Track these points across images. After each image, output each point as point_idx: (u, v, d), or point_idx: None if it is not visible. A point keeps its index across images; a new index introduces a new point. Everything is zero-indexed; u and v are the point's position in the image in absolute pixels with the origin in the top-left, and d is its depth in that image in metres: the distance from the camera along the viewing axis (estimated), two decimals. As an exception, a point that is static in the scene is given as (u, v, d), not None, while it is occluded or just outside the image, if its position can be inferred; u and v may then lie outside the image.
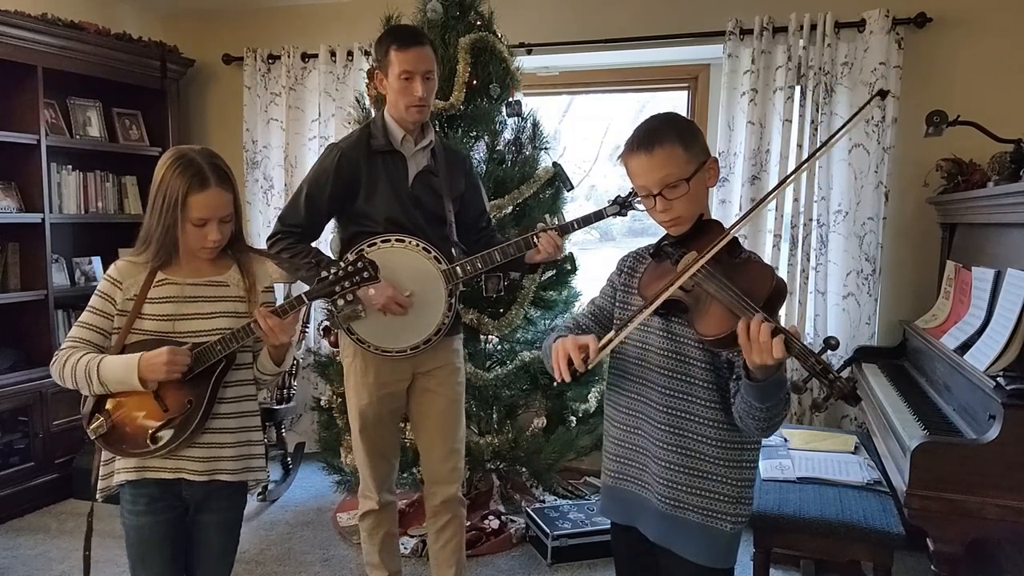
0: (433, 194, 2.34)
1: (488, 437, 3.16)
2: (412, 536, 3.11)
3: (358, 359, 2.34)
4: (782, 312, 1.94)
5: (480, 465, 3.22)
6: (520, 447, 3.22)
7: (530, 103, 3.44)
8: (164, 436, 1.69)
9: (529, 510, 3.20)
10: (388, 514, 2.48)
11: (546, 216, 3.25)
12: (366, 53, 3.94)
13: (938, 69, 3.28)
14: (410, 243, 2.25)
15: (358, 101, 3.45)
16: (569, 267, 3.39)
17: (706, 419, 1.49)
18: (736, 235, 1.41)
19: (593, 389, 3.48)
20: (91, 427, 1.72)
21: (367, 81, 3.41)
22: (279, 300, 1.83)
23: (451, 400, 2.42)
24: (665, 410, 1.52)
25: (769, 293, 1.34)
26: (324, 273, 1.75)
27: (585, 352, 1.41)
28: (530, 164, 3.29)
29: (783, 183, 1.59)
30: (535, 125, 3.36)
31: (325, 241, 3.07)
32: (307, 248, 2.28)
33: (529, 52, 3.69)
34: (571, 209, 3.54)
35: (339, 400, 3.20)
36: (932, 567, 1.91)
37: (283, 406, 3.82)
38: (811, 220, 3.40)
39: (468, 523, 2.69)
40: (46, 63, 3.52)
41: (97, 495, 1.78)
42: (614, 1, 3.72)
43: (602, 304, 1.68)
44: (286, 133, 4.23)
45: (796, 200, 3.39)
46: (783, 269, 3.41)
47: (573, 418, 3.43)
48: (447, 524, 2.46)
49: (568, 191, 3.22)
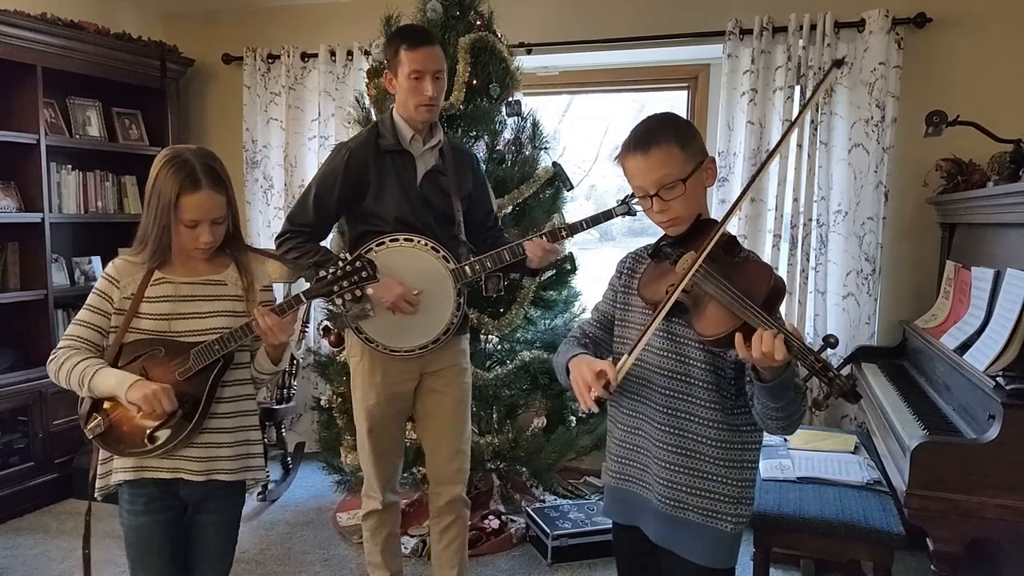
0: (442, 193, 2.34)
1: (488, 437, 3.16)
2: (412, 536, 3.11)
3: (365, 358, 2.33)
4: (782, 311, 1.94)
5: (480, 465, 3.22)
6: (520, 447, 3.22)
7: (530, 103, 3.44)
8: (161, 436, 1.68)
9: (529, 510, 3.20)
10: (391, 514, 2.48)
11: (554, 216, 3.25)
12: (366, 53, 3.94)
13: (938, 69, 3.28)
14: (419, 242, 2.24)
15: (358, 101, 3.45)
16: (569, 267, 3.39)
17: (706, 419, 1.48)
18: (734, 234, 1.42)
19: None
20: (88, 426, 1.72)
21: (367, 81, 3.40)
22: (279, 299, 1.83)
23: (458, 400, 2.41)
24: (665, 410, 1.52)
25: (768, 292, 1.34)
26: (322, 272, 1.75)
27: (604, 379, 1.40)
28: (530, 164, 3.29)
29: (761, 167, 1.59)
30: (535, 125, 3.36)
31: (324, 242, 3.06)
32: (315, 247, 2.28)
33: (529, 52, 3.69)
34: (571, 209, 3.54)
35: (339, 400, 3.20)
36: (932, 567, 1.90)
37: (283, 406, 3.82)
38: (811, 220, 3.40)
39: (469, 523, 2.69)
40: (46, 63, 3.52)
41: (96, 494, 1.78)
42: (614, 1, 3.72)
43: (605, 309, 1.68)
44: (286, 133, 4.22)
45: (796, 200, 3.39)
46: (783, 269, 3.41)
47: (573, 418, 3.43)
48: (451, 525, 2.46)
49: (568, 191, 3.21)
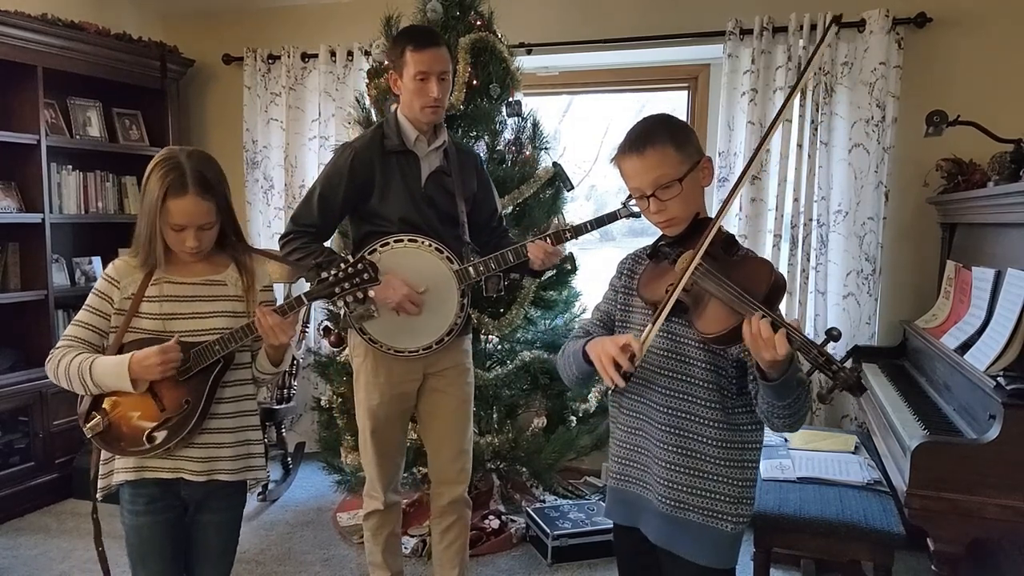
0: (446, 194, 2.34)
1: (488, 437, 3.16)
2: (413, 536, 3.11)
3: (369, 359, 2.33)
4: (782, 310, 1.93)
5: (480, 465, 3.21)
6: (520, 447, 3.22)
7: (530, 103, 3.44)
8: (161, 436, 1.68)
9: (529, 510, 3.20)
10: (393, 514, 2.48)
11: (556, 217, 3.25)
12: (366, 53, 3.94)
13: (938, 69, 3.28)
14: (423, 243, 2.24)
15: (358, 101, 3.45)
16: (569, 267, 3.39)
17: (706, 419, 1.49)
18: (734, 234, 1.42)
19: (593, 389, 3.49)
20: (88, 425, 1.72)
21: (367, 81, 3.41)
22: (279, 300, 1.83)
23: (461, 400, 2.41)
24: (666, 411, 1.52)
25: (768, 288, 1.34)
26: (324, 274, 1.75)
27: (629, 351, 1.39)
28: (530, 164, 3.29)
29: (754, 155, 1.59)
30: (535, 125, 3.35)
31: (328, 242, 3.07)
32: (319, 248, 2.27)
33: (529, 52, 3.69)
34: (571, 209, 3.54)
35: (339, 400, 3.20)
36: (932, 567, 1.90)
37: (283, 406, 3.82)
38: (811, 220, 3.40)
39: (470, 523, 2.69)
40: (46, 63, 3.52)
41: (97, 493, 1.77)
42: (614, 1, 3.72)
43: (607, 309, 1.68)
44: (286, 133, 4.22)
45: (796, 200, 3.39)
46: (783, 269, 3.41)
47: (573, 418, 3.43)
48: (452, 525, 2.46)
49: (568, 191, 3.21)
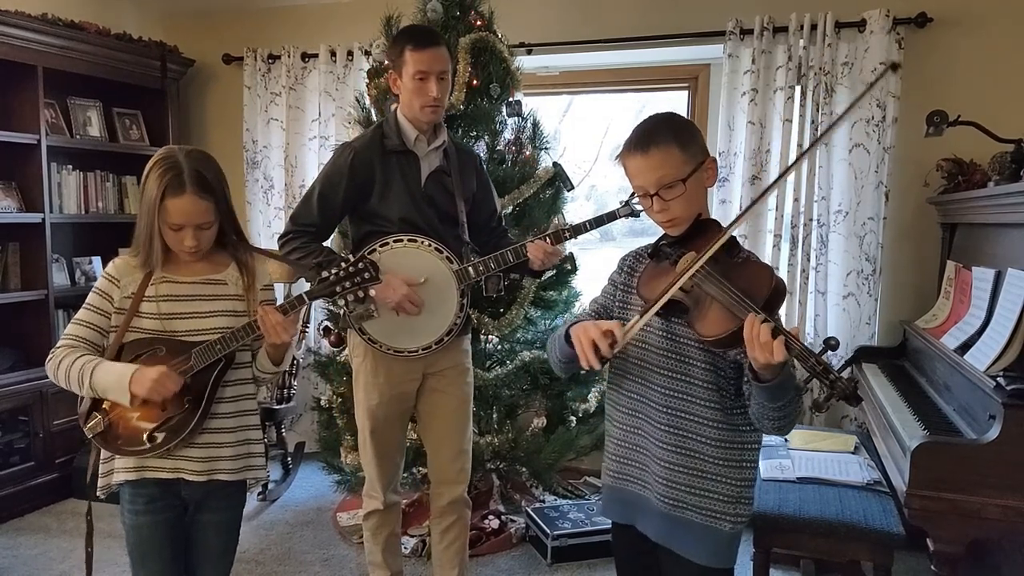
0: (446, 194, 2.34)
1: (488, 437, 3.16)
2: (412, 536, 3.11)
3: (368, 359, 2.32)
4: (783, 312, 1.94)
5: (480, 465, 3.21)
6: (520, 447, 3.22)
7: (530, 103, 3.44)
8: (161, 436, 1.68)
9: (529, 510, 3.20)
10: (392, 514, 2.48)
11: (555, 217, 3.25)
12: (366, 53, 3.94)
13: (938, 69, 3.27)
14: (422, 243, 2.24)
15: (358, 101, 3.45)
16: (569, 267, 3.39)
17: (706, 419, 1.49)
18: (735, 235, 1.41)
19: (593, 389, 3.49)
20: (88, 425, 1.72)
21: (367, 81, 3.41)
22: (279, 300, 1.82)
23: (461, 400, 2.41)
24: (665, 410, 1.52)
25: (768, 293, 1.34)
26: (324, 273, 1.75)
27: (611, 338, 1.38)
28: (530, 164, 3.29)
29: (782, 175, 1.59)
30: (535, 125, 3.35)
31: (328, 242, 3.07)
32: (319, 248, 2.27)
33: (529, 52, 3.69)
34: (571, 209, 3.54)
35: (339, 400, 3.20)
36: (932, 567, 1.90)
37: (283, 406, 3.82)
38: (811, 220, 3.39)
39: (469, 523, 2.69)
40: (46, 63, 3.52)
41: (97, 493, 1.77)
42: (614, 1, 3.72)
43: (604, 303, 1.68)
44: (286, 133, 4.22)
45: (796, 200, 3.38)
46: (783, 269, 3.41)
47: (573, 418, 3.43)
48: (452, 525, 2.46)
49: (568, 191, 3.22)
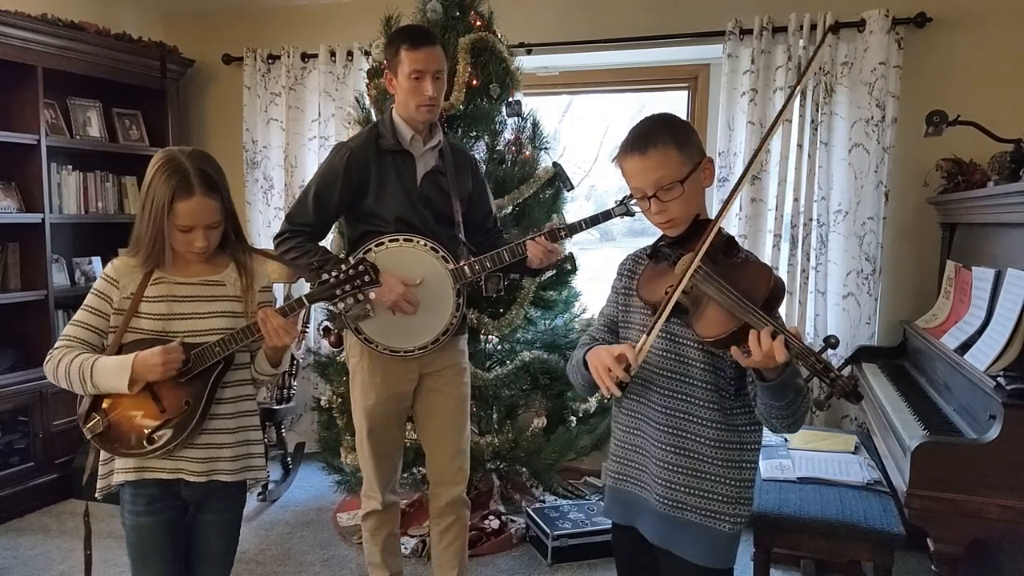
0: (442, 194, 2.34)
1: (488, 437, 3.16)
2: (412, 536, 3.11)
3: (365, 359, 2.33)
4: (783, 312, 1.93)
5: (480, 465, 3.21)
6: (520, 447, 3.22)
7: (530, 103, 3.44)
8: (161, 437, 1.68)
9: (529, 510, 3.20)
10: (391, 514, 2.48)
11: (553, 216, 3.25)
12: (366, 53, 3.94)
13: (938, 69, 3.27)
14: (418, 243, 2.25)
15: (358, 101, 3.45)
16: (569, 267, 3.39)
17: (705, 420, 1.49)
18: (734, 234, 1.41)
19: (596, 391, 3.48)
20: (87, 426, 1.72)
21: (367, 81, 3.40)
22: (279, 300, 1.82)
23: (458, 400, 2.41)
24: (664, 411, 1.52)
25: (767, 293, 1.34)
26: (324, 276, 1.74)
27: (624, 362, 1.40)
28: (530, 164, 3.29)
29: (754, 157, 1.60)
30: (535, 125, 3.35)
31: (325, 242, 3.06)
32: (315, 248, 2.27)
33: (529, 52, 3.69)
34: (571, 209, 3.54)
35: (339, 400, 3.20)
36: (932, 567, 1.90)
37: (283, 406, 3.82)
38: (811, 220, 3.39)
39: (469, 523, 2.69)
40: (46, 63, 3.52)
41: (97, 494, 1.77)
42: (614, 1, 3.72)
43: (611, 313, 1.68)
44: (286, 133, 4.22)
45: (796, 200, 3.39)
46: (783, 269, 3.41)
47: (573, 418, 3.43)
48: (451, 525, 2.46)
49: (568, 191, 3.21)
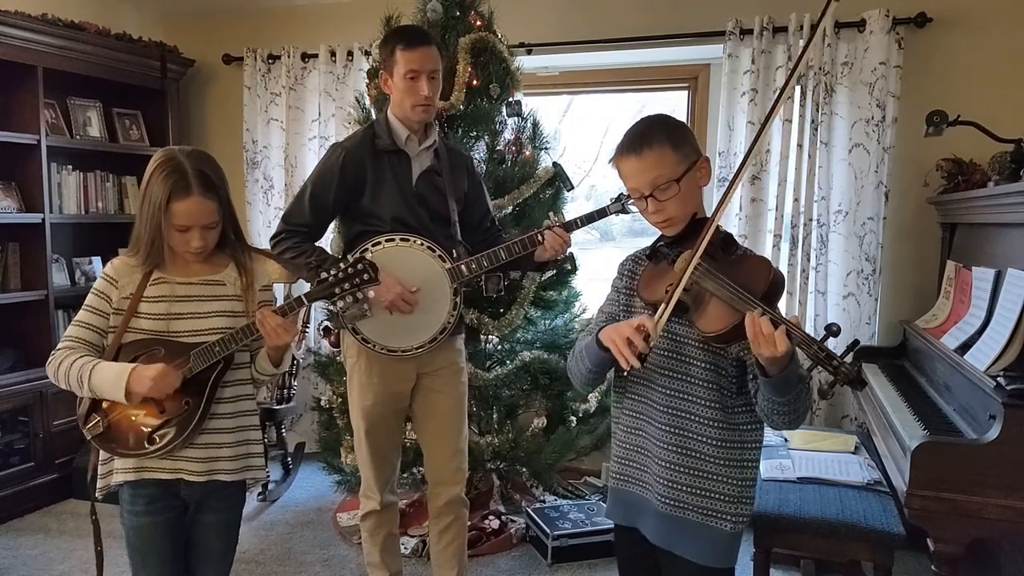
0: (437, 193, 2.34)
1: (488, 437, 3.16)
2: (412, 536, 3.11)
3: (362, 359, 2.33)
4: (783, 310, 1.93)
5: (480, 465, 3.22)
6: (520, 447, 3.22)
7: (530, 103, 3.44)
8: (161, 437, 1.68)
9: (529, 510, 3.20)
10: (390, 514, 2.48)
11: (550, 214, 3.25)
12: (366, 53, 3.94)
13: (938, 69, 3.27)
14: (414, 242, 2.25)
15: (358, 101, 3.45)
16: (569, 267, 3.39)
17: (706, 419, 1.49)
18: (734, 234, 1.42)
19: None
20: (87, 427, 1.72)
21: (367, 81, 3.40)
22: (279, 300, 1.82)
23: (456, 400, 2.41)
24: (665, 410, 1.52)
25: (767, 285, 1.35)
26: (323, 275, 1.74)
27: (644, 331, 1.37)
28: (530, 164, 3.29)
29: (748, 152, 1.61)
30: (535, 125, 3.36)
31: (326, 241, 3.06)
32: (312, 247, 2.27)
33: (529, 52, 3.69)
34: (571, 209, 3.54)
35: (339, 400, 3.20)
36: (932, 567, 1.90)
37: (283, 406, 3.82)
38: (811, 220, 3.39)
39: (468, 523, 2.69)
40: (46, 63, 3.52)
41: (96, 494, 1.78)
42: (614, 1, 3.72)
43: (611, 311, 1.68)
44: (286, 133, 4.22)
45: (796, 200, 3.39)
46: (783, 269, 3.41)
47: (573, 418, 3.43)
48: (450, 525, 2.46)
49: (568, 191, 3.21)
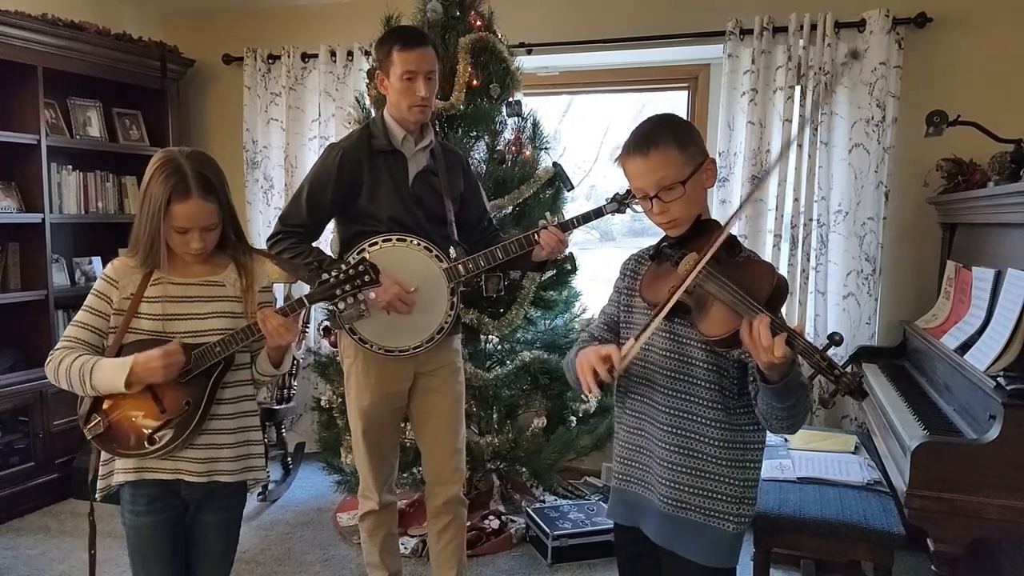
0: (434, 193, 2.34)
1: (488, 437, 3.16)
2: (412, 536, 3.12)
3: (359, 359, 2.33)
4: (783, 311, 1.93)
5: (480, 465, 3.22)
6: (520, 447, 3.22)
7: (530, 103, 3.44)
8: (161, 437, 1.68)
9: (529, 510, 3.20)
10: (388, 514, 2.48)
11: (547, 214, 3.25)
12: (366, 53, 3.94)
13: (938, 69, 3.27)
14: (411, 242, 2.25)
15: (358, 101, 3.45)
16: (569, 267, 3.39)
17: (708, 419, 1.49)
18: (735, 234, 1.41)
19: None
20: (88, 427, 1.71)
21: (367, 81, 3.40)
22: (279, 300, 1.82)
23: (454, 400, 2.42)
24: (668, 411, 1.52)
25: (770, 292, 1.34)
26: (324, 276, 1.74)
27: (609, 363, 1.41)
28: (530, 164, 3.29)
29: (772, 166, 1.61)
30: (535, 125, 3.36)
31: (325, 241, 3.07)
32: (309, 248, 2.27)
33: (529, 52, 3.69)
34: (571, 209, 3.54)
35: (339, 400, 3.20)
36: (932, 567, 1.90)
37: (283, 406, 3.82)
38: (811, 220, 3.40)
39: (468, 523, 2.69)
40: (46, 63, 3.52)
41: (96, 494, 1.78)
42: (614, 1, 3.72)
43: (612, 312, 1.68)
44: (286, 133, 4.22)
45: (796, 200, 3.39)
46: (783, 269, 3.41)
47: (573, 418, 3.43)
48: (448, 525, 2.46)
49: (568, 191, 3.22)
